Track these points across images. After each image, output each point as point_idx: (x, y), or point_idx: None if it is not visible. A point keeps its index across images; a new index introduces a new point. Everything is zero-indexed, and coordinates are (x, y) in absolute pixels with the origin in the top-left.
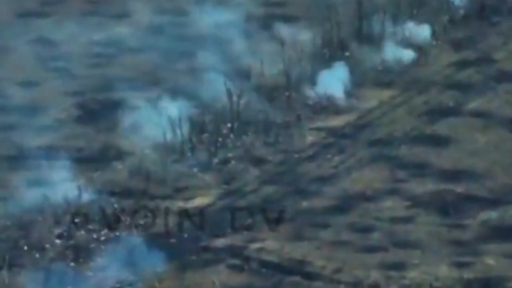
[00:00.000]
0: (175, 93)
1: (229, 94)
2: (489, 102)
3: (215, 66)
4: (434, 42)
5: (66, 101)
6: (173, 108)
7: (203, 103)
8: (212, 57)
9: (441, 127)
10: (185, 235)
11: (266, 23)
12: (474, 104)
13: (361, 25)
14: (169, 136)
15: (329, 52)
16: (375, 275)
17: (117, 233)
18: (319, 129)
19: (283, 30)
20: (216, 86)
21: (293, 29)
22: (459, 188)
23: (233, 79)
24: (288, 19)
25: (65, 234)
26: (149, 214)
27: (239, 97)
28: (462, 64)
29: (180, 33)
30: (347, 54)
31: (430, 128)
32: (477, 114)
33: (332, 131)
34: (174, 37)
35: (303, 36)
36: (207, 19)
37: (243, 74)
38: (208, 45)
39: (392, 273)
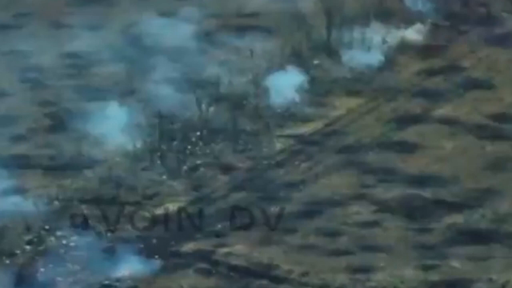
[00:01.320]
0: (145, 103)
1: (198, 102)
2: (457, 109)
3: (185, 76)
4: (402, 51)
5: (38, 111)
6: (143, 117)
7: (172, 112)
8: (182, 67)
9: (409, 134)
10: (154, 241)
11: (236, 33)
12: (441, 111)
13: (330, 34)
14: (139, 144)
15: (298, 61)
16: (341, 278)
17: (87, 239)
18: (287, 137)
19: (253, 40)
20: (186, 96)
21: (263, 39)
22: (426, 193)
23: (202, 88)
24: (258, 30)
25: (35, 240)
26: (119, 220)
27: (208, 105)
28: (430, 72)
29: (151, 44)
30: (316, 62)
31: (398, 134)
32: (445, 121)
33: (300, 139)
34: (146, 48)
35: (273, 46)
36: (179, 31)
37: (212, 84)
38: (179, 56)
39: (359, 276)
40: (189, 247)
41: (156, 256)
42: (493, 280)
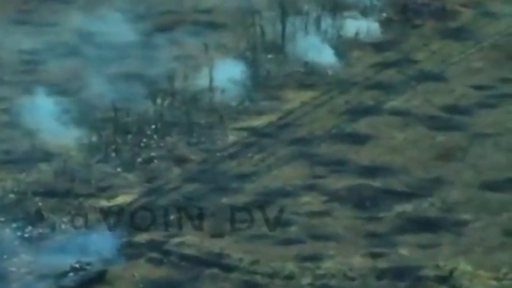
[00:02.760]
0: (100, 97)
1: (153, 96)
2: (409, 101)
3: (140, 71)
4: (356, 44)
5: None
6: (98, 111)
7: (127, 105)
8: (137, 62)
9: (361, 126)
10: (107, 232)
11: (192, 29)
12: (394, 103)
13: (284, 28)
14: (94, 138)
15: (252, 55)
16: (291, 267)
17: (41, 231)
18: (241, 129)
19: (208, 35)
20: (141, 90)
21: (218, 35)
22: (376, 183)
23: (158, 82)
24: (214, 25)
25: None
26: (72, 212)
27: (163, 99)
28: (384, 65)
29: (107, 40)
30: (270, 56)
31: (350, 126)
32: (397, 112)
33: (253, 131)
34: (101, 44)
35: (228, 40)
36: (134, 27)
37: (168, 78)
38: (134, 52)
39: (308, 264)
40: (141, 237)
41: (108, 247)
42: (440, 266)
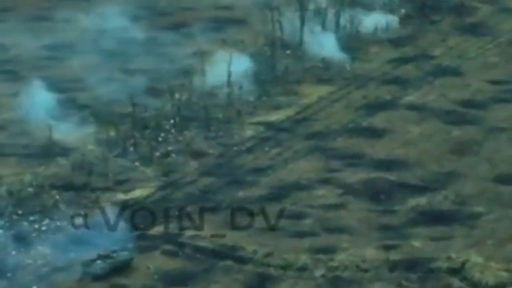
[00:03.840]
0: (120, 92)
1: (171, 91)
2: (425, 95)
3: (159, 66)
4: (374, 40)
5: (13, 102)
6: (116, 106)
7: (145, 101)
8: (156, 58)
9: (377, 120)
10: (124, 224)
11: (211, 25)
12: (410, 97)
13: (303, 24)
14: (112, 132)
15: (270, 51)
16: (304, 259)
17: (58, 223)
18: (258, 124)
19: (227, 31)
20: (159, 85)
21: (237, 30)
22: (391, 176)
23: (176, 78)
24: (232, 21)
25: (7, 224)
26: (89, 205)
27: (181, 94)
28: (401, 60)
29: (126, 37)
30: (288, 52)
31: (367, 121)
32: (413, 107)
33: (271, 126)
34: (120, 40)
35: (246, 36)
36: (154, 23)
37: (186, 73)
38: (153, 47)
39: (321, 256)
40: (157, 230)
41: (124, 240)
42: (452, 258)
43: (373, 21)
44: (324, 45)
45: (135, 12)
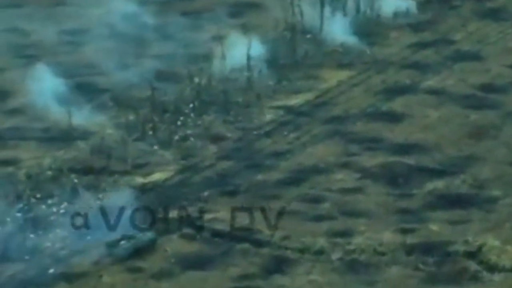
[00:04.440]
0: (139, 76)
1: (191, 76)
2: (444, 80)
3: (178, 51)
4: (394, 25)
5: (34, 86)
6: (136, 90)
7: (165, 85)
8: (177, 43)
9: (396, 104)
10: (142, 208)
11: (232, 10)
12: (429, 82)
13: (323, 9)
14: (131, 116)
15: (290, 35)
16: (321, 242)
17: (76, 207)
18: (277, 108)
19: (248, 16)
20: (179, 69)
21: (257, 15)
22: (409, 160)
23: (196, 62)
24: (253, 6)
25: (25, 208)
26: (108, 189)
27: (200, 78)
28: (421, 45)
29: (147, 21)
30: (308, 37)
31: (386, 105)
32: (432, 91)
33: (290, 110)
34: (142, 25)
35: (266, 21)
36: (175, 8)
37: (206, 57)
38: (173, 32)
39: (338, 240)
40: (175, 213)
41: (143, 223)
42: (469, 242)
43: (393, 6)
44: (344, 30)
45: None
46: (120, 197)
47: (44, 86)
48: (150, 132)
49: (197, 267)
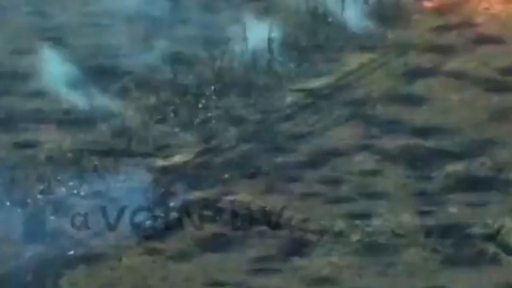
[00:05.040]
0: (163, 58)
1: (212, 58)
2: (466, 63)
3: (201, 33)
4: (416, 8)
5: (56, 68)
6: (159, 72)
7: (187, 67)
8: (199, 25)
9: (417, 87)
10: (162, 190)
11: None
12: (451, 65)
13: None
14: (153, 99)
15: (312, 19)
16: (340, 224)
17: (97, 189)
18: (298, 91)
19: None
20: (201, 52)
21: None
22: (429, 143)
23: (218, 44)
24: None
25: (46, 189)
26: (128, 171)
27: (222, 61)
28: (444, 28)
29: (170, 4)
30: (329, 19)
31: (407, 88)
32: (453, 74)
33: (311, 92)
34: (165, 8)
35: (288, 4)
36: None
37: (227, 40)
38: (196, 15)
39: (358, 222)
40: (195, 195)
41: (162, 204)
42: (488, 224)
43: None
44: (366, 12)
45: None
46: (141, 179)
47: (65, 68)
48: (171, 115)
49: (216, 249)
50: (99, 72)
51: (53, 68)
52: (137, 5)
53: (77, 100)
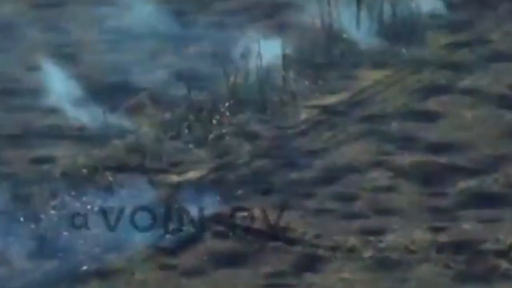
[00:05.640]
0: (177, 75)
1: (227, 74)
2: (480, 80)
3: (216, 50)
4: (431, 24)
5: (72, 84)
6: (173, 88)
7: (201, 83)
8: (214, 42)
9: (432, 104)
10: (176, 206)
11: (268, 10)
12: (465, 82)
13: (359, 8)
14: (167, 115)
15: (327, 36)
16: (353, 240)
17: (110, 204)
18: (313, 107)
19: (285, 15)
20: (215, 68)
21: (295, 15)
22: (442, 159)
23: (232, 61)
24: (290, 6)
25: (60, 205)
26: (142, 186)
27: (236, 77)
28: (457, 45)
29: (185, 21)
30: (344, 36)
31: (421, 105)
32: (467, 91)
33: (325, 109)
34: (181, 24)
35: (303, 20)
36: (213, 8)
37: (242, 56)
38: (211, 32)
39: (370, 238)
40: (208, 211)
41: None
42: (501, 240)
43: (430, 5)
44: (380, 29)
45: None
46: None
47: (81, 84)
48: (186, 131)
49: (229, 265)
50: (113, 88)
51: (68, 85)
52: (151, 22)
53: (92, 116)
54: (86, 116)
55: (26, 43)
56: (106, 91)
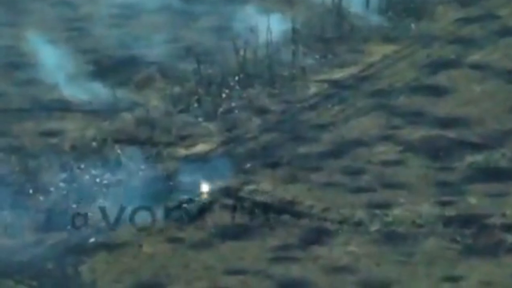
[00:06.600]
0: (186, 49)
1: (236, 48)
2: (489, 55)
3: (226, 24)
4: (441, 0)
5: (81, 58)
6: (183, 63)
7: (211, 58)
8: (224, 17)
9: (441, 79)
10: (184, 179)
11: None
12: (474, 57)
13: None
14: (177, 89)
15: (336, 11)
16: (360, 214)
17: (119, 178)
18: (322, 81)
19: None
20: (225, 43)
21: None
22: (451, 134)
23: (242, 36)
24: None
25: (69, 178)
26: (151, 160)
27: (246, 51)
28: (467, 20)
29: None
30: (354, 11)
31: (430, 79)
32: (476, 66)
33: (334, 83)
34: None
35: None
36: None
37: (251, 31)
38: (221, 7)
39: (377, 212)
40: (217, 184)
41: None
42: (507, 215)
43: None
44: (390, 4)
45: None
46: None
47: (90, 58)
48: (195, 104)
49: (236, 238)
50: (122, 62)
51: (78, 58)
52: None
53: (102, 89)
54: (95, 90)
55: (38, 18)
56: (115, 65)
